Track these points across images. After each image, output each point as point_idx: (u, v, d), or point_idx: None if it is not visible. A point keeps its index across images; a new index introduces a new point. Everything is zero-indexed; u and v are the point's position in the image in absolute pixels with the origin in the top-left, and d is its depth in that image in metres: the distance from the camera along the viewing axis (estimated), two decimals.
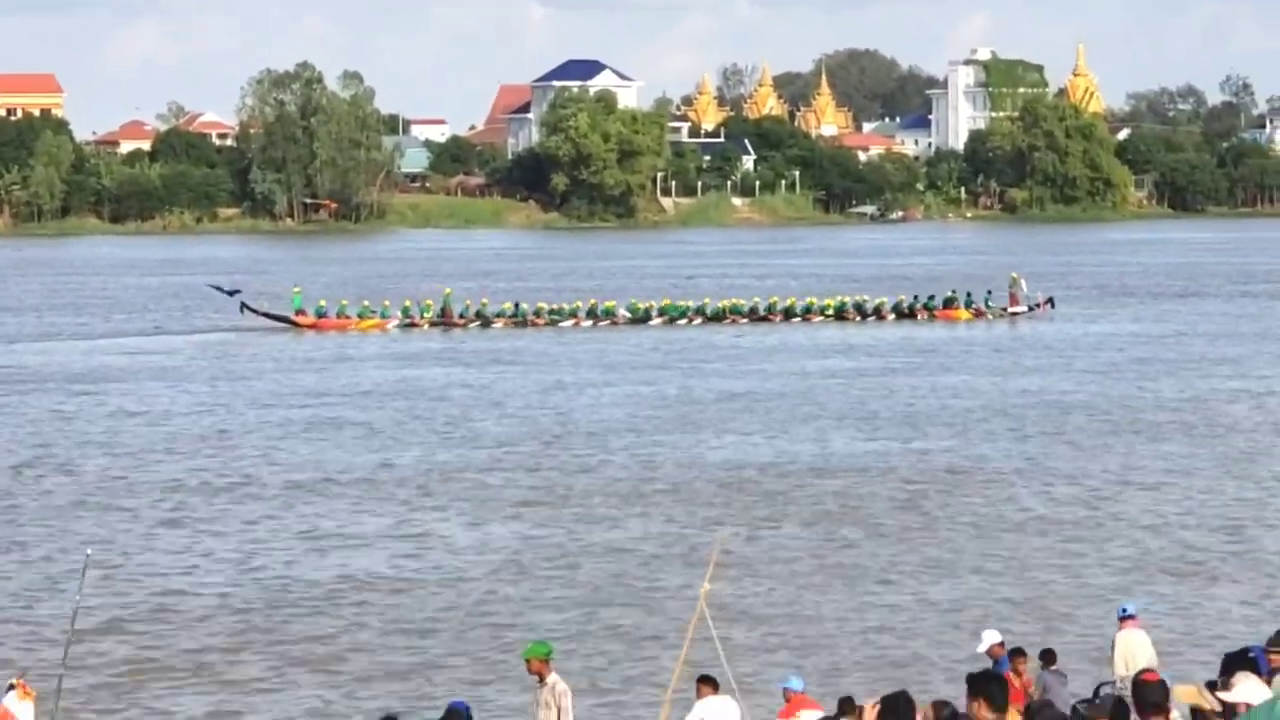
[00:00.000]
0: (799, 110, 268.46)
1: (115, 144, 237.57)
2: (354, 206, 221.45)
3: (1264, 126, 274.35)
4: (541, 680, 21.23)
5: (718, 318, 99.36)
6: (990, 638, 24.56)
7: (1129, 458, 53.97)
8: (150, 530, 44.65)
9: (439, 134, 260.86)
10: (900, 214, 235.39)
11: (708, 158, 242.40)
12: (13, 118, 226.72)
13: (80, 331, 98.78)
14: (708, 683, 21.07)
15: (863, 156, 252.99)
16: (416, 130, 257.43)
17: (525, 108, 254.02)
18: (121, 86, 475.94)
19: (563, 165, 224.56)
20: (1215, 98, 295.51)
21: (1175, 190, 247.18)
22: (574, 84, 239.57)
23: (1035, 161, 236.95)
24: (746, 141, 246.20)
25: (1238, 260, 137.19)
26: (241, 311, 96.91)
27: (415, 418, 64.16)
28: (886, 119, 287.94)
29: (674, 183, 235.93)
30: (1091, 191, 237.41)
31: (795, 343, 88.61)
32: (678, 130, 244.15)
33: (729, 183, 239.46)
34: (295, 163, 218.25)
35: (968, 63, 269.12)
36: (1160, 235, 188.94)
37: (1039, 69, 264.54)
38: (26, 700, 22.17)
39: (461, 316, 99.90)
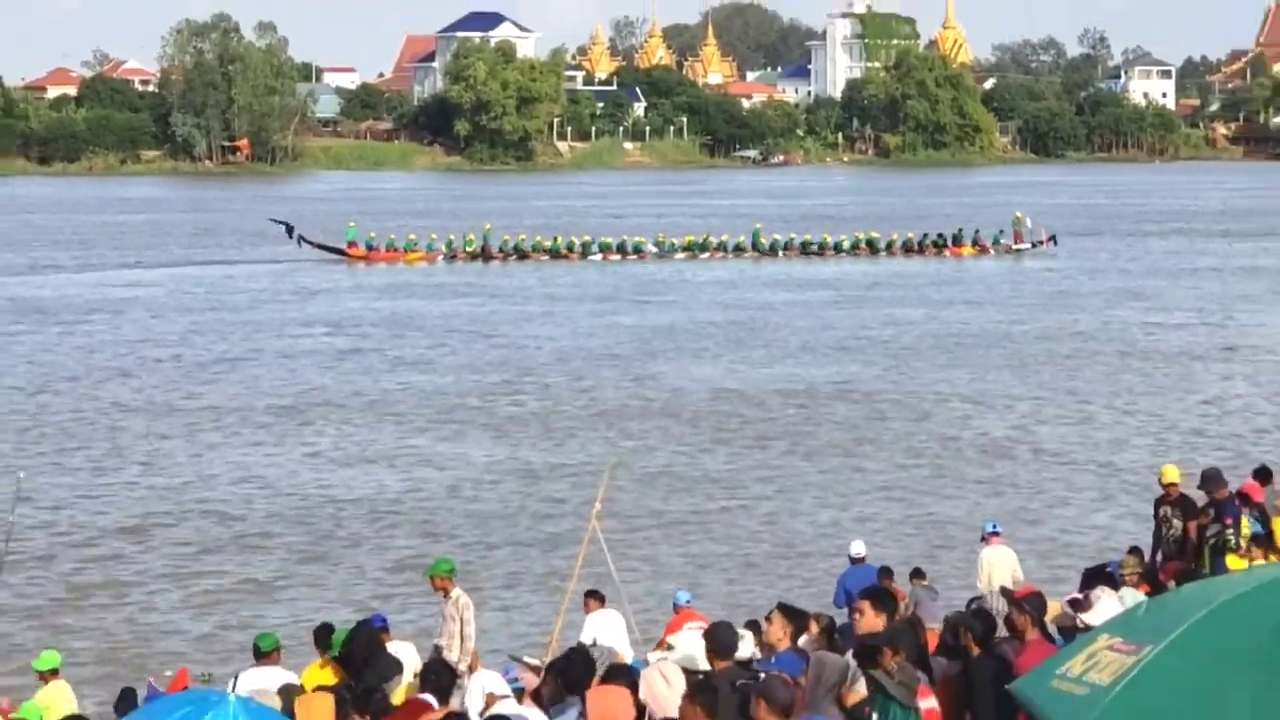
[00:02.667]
0: (686, 60, 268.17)
1: (43, 89, 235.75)
2: (270, 149, 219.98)
3: (1119, 77, 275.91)
4: (446, 595, 21.27)
5: (740, 251, 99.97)
6: (857, 548, 24.67)
7: (1021, 385, 53.98)
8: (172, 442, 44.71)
9: (349, 82, 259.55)
10: (781, 158, 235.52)
11: (601, 105, 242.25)
12: None
13: (110, 263, 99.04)
14: (595, 597, 21.13)
15: (746, 104, 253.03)
16: (329, 78, 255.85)
17: (430, 57, 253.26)
18: (48, 35, 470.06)
19: (465, 111, 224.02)
20: (1074, 50, 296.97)
21: (1037, 136, 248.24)
22: (476, 35, 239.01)
23: (907, 109, 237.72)
24: (637, 89, 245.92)
25: (1104, 201, 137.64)
26: (299, 244, 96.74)
27: (433, 344, 64.54)
28: (769, 69, 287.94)
29: (569, 128, 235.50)
30: (960, 137, 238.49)
31: (823, 276, 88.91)
32: (573, 79, 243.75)
33: (621, 128, 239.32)
34: (214, 108, 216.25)
35: (845, 16, 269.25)
36: (1025, 178, 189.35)
37: (911, 22, 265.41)
38: None
39: (500, 250, 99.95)
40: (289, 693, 16.31)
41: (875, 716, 13.66)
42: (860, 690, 14.04)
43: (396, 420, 49.23)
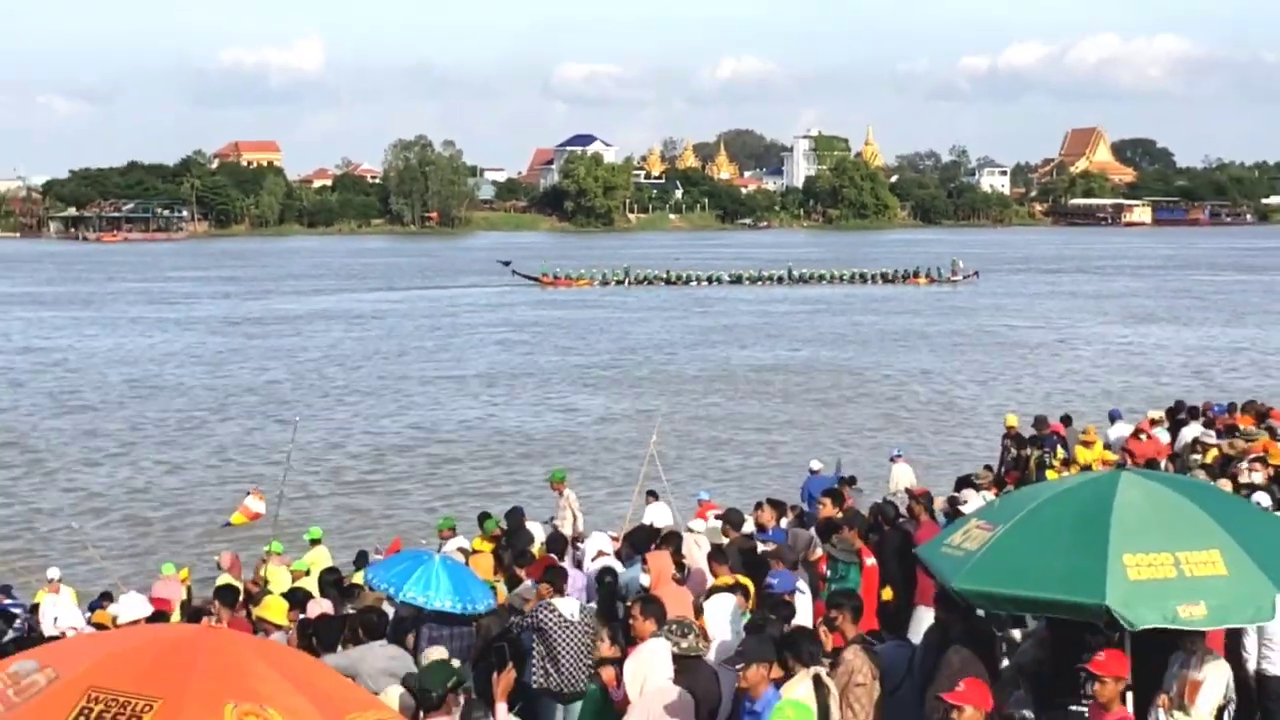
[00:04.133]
0: (707, 164, 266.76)
1: (310, 181, 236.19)
2: (451, 218, 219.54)
3: (974, 174, 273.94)
4: (560, 493, 21.28)
5: (783, 281, 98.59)
6: (815, 464, 24.53)
7: (939, 362, 54.35)
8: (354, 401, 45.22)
9: (501, 176, 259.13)
10: (765, 224, 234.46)
11: (654, 191, 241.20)
12: (250, 166, 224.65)
13: (413, 285, 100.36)
14: (652, 495, 21.15)
15: (744, 191, 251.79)
16: (488, 174, 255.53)
17: (550, 161, 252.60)
18: (315, 148, 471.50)
19: (571, 195, 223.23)
20: (946, 157, 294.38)
21: (923, 211, 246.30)
22: (578, 148, 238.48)
23: (843, 194, 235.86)
24: (677, 181, 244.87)
25: (977, 251, 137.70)
26: (512, 274, 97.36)
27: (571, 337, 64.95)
28: (758, 169, 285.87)
29: (635, 205, 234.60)
30: (876, 211, 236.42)
31: (820, 296, 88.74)
32: (638, 175, 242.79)
33: (667, 205, 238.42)
34: (416, 193, 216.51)
35: (804, 137, 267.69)
36: (916, 237, 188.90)
37: (845, 140, 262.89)
38: (259, 501, 21.96)
39: (631, 278, 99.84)
40: (464, 553, 16.41)
41: (829, 573, 13.68)
42: (819, 553, 14.08)
43: (547, 382, 49.72)
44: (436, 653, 10.37)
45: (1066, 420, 25.63)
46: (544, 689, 11.35)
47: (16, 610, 17.94)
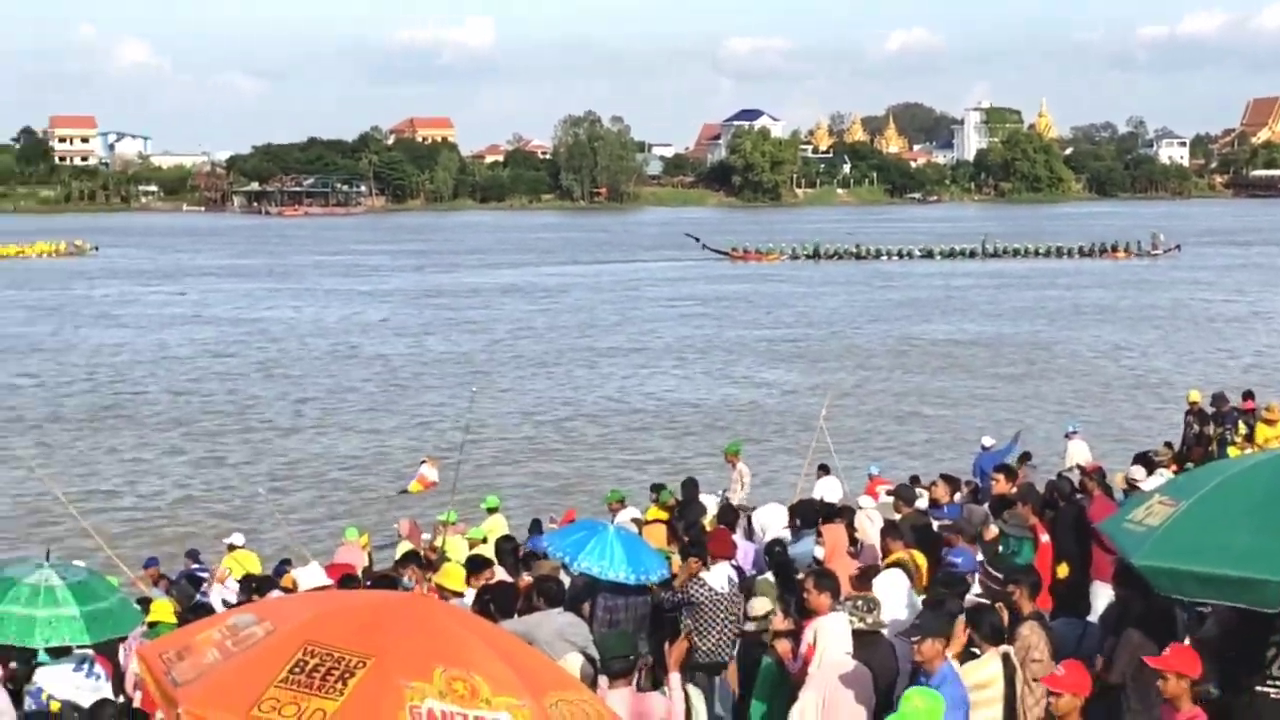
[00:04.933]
0: (875, 138, 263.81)
1: (483, 157, 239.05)
2: (620, 194, 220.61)
3: (1152, 146, 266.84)
4: (733, 465, 21.32)
5: (989, 255, 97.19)
6: (987, 440, 24.10)
7: (1132, 337, 53.20)
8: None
9: (668, 152, 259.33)
10: (934, 198, 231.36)
11: (822, 165, 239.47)
12: (425, 142, 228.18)
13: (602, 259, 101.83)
14: (823, 469, 21.10)
15: (913, 165, 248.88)
16: (655, 150, 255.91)
17: (717, 136, 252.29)
18: (487, 124, 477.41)
19: (738, 170, 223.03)
20: (1123, 128, 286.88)
21: (1099, 183, 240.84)
22: (745, 123, 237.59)
23: (1015, 167, 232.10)
24: (845, 156, 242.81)
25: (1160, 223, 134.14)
26: (702, 249, 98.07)
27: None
28: (928, 143, 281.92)
29: (802, 180, 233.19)
30: (1049, 184, 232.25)
31: (1011, 270, 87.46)
32: (805, 150, 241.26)
33: (835, 180, 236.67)
34: (585, 169, 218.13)
35: (975, 109, 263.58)
36: (1092, 210, 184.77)
37: (1018, 112, 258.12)
38: (435, 469, 22.55)
39: (819, 253, 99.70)
40: (638, 523, 16.54)
41: (1002, 549, 13.56)
42: (993, 530, 13.95)
43: (730, 356, 50.03)
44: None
45: (1249, 396, 24.95)
46: (692, 663, 11.42)
47: (203, 575, 18.57)
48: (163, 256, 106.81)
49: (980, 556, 12.83)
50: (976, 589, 11.71)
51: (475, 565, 13.29)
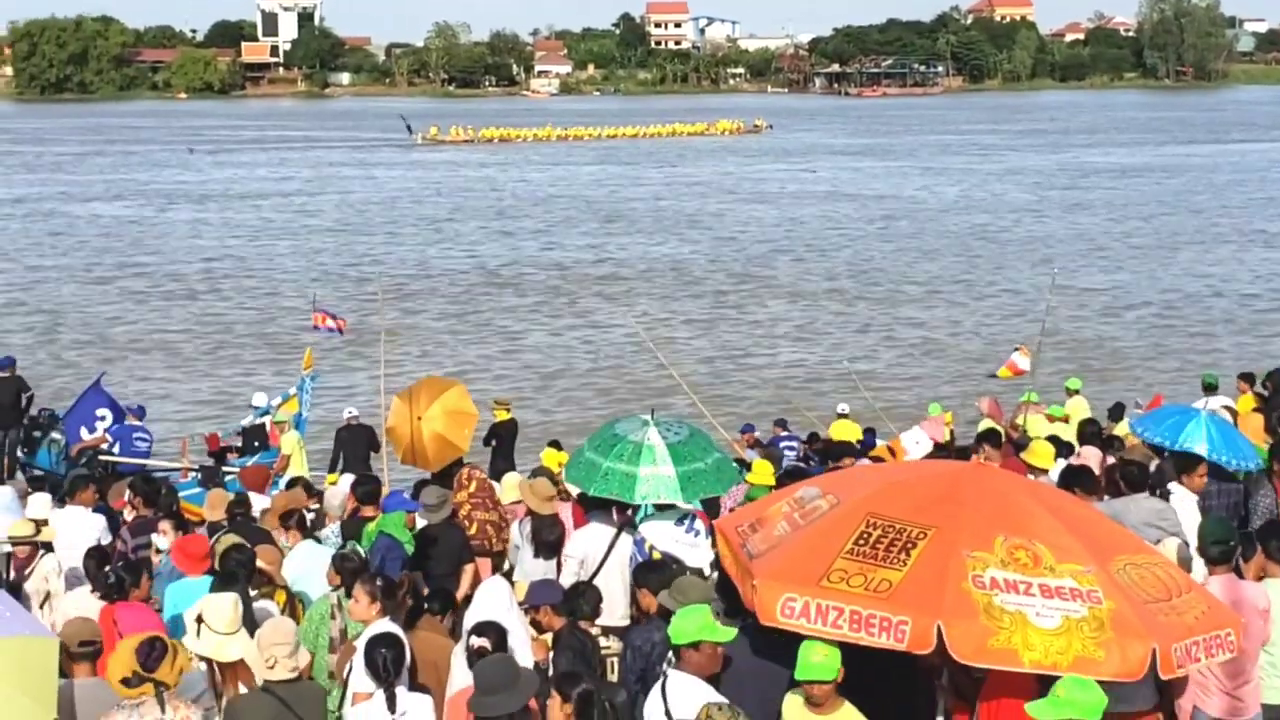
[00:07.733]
0: None
1: (1063, 35, 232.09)
2: (1207, 72, 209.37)
3: None
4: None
5: None
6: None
7: None
8: None
9: (1261, 28, 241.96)
10: None
11: None
12: (1004, 21, 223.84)
13: None
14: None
15: None
16: (1248, 25, 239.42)
17: None
18: (1067, 1, 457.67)
19: None
20: None
21: None
22: None
23: None
24: None
25: None
26: None
27: None
28: None
29: None
30: None
31: None
32: None
33: None
34: (1170, 47, 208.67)
35: None
36: None
37: None
38: (1026, 358, 21.22)
39: None
40: (1230, 411, 15.76)
41: None
42: None
43: None
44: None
45: None
46: None
47: (792, 447, 18.48)
48: (796, 136, 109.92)
49: None
50: None
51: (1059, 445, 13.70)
